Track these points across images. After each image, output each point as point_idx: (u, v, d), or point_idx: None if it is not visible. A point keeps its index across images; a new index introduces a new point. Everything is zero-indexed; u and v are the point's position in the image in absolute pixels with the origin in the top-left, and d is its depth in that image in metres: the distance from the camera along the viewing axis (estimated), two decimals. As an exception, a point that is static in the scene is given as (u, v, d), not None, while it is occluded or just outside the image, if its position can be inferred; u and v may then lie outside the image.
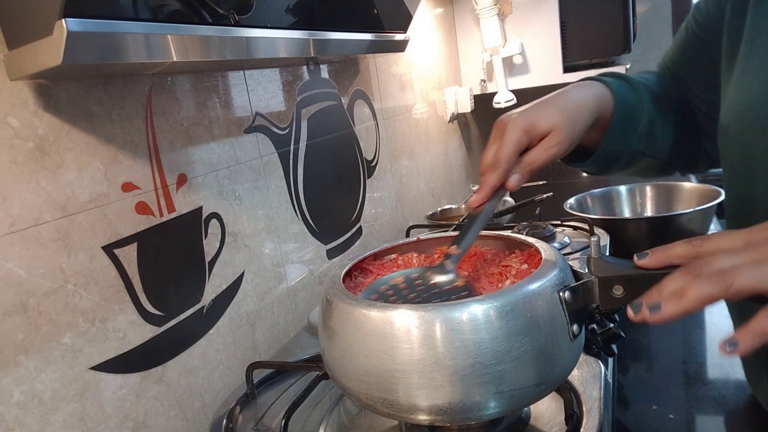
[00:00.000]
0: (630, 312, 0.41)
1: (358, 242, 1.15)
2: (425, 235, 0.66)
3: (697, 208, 1.06)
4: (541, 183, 1.74)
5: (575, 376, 0.61)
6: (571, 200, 1.27)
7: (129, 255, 0.64)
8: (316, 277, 1.01)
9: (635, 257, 0.44)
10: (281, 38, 0.74)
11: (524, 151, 0.56)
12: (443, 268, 0.52)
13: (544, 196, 1.18)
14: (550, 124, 0.55)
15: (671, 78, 0.71)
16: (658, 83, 0.70)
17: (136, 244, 0.65)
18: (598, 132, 0.63)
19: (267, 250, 0.88)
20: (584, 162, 0.67)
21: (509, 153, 0.54)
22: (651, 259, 0.43)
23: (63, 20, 0.44)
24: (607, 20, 1.61)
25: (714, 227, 1.16)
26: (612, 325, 0.71)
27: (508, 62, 1.72)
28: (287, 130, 0.94)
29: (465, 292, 0.48)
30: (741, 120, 0.54)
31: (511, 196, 1.46)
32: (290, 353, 0.83)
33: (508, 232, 0.62)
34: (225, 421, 0.66)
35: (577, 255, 0.98)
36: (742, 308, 0.60)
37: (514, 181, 0.54)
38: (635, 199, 1.28)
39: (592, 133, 0.62)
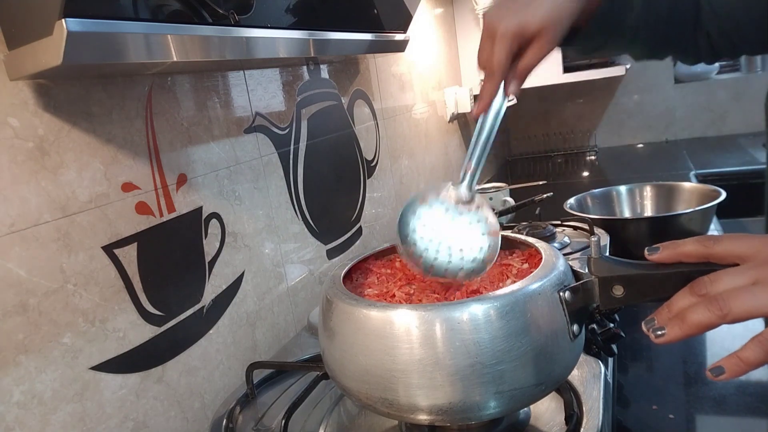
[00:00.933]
0: (644, 326, 0.43)
1: (358, 242, 1.15)
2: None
3: (697, 208, 1.06)
4: (541, 183, 1.74)
5: (575, 376, 0.61)
6: (571, 200, 1.27)
7: (129, 255, 0.64)
8: (316, 277, 1.01)
9: (646, 251, 0.44)
10: (281, 38, 0.74)
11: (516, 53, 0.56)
12: (462, 187, 0.54)
13: (544, 196, 1.18)
14: (538, 26, 0.54)
15: None
16: None
17: (136, 244, 0.65)
18: (586, 18, 0.61)
19: (267, 250, 0.88)
20: (570, 42, 0.64)
21: (502, 61, 0.54)
22: (662, 254, 0.43)
23: (63, 20, 0.44)
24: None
25: (714, 227, 1.17)
26: (612, 325, 0.71)
27: (508, 62, 1.71)
28: (287, 130, 0.94)
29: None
30: None
31: (511, 196, 1.46)
32: (290, 353, 0.83)
33: (508, 232, 0.62)
34: (225, 421, 0.66)
35: (577, 255, 0.98)
36: None
37: (513, 87, 0.56)
38: (635, 199, 1.28)
39: (579, 20, 0.60)
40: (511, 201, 1.41)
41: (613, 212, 1.29)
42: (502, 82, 0.56)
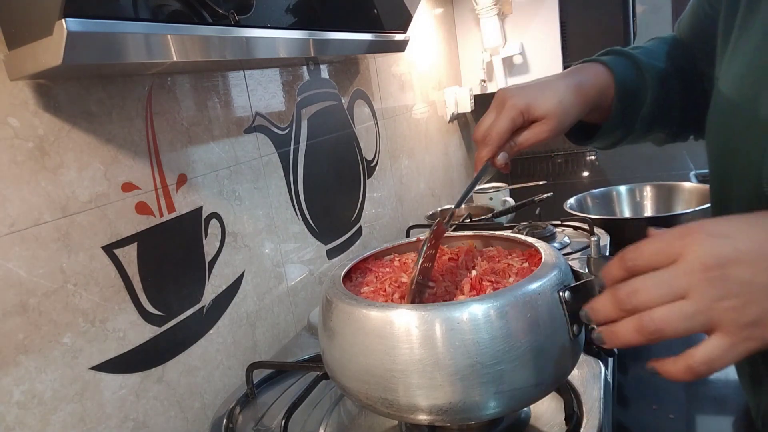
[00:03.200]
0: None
1: (358, 242, 1.15)
2: (425, 235, 0.66)
3: (696, 208, 1.06)
4: (541, 183, 1.74)
5: (575, 376, 0.61)
6: (571, 200, 1.27)
7: (129, 255, 0.64)
8: (316, 277, 1.01)
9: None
10: (281, 38, 0.74)
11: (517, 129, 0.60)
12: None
13: (545, 196, 1.18)
14: (544, 112, 0.58)
15: (683, 45, 0.70)
16: (668, 55, 0.69)
17: (136, 244, 0.65)
18: (601, 113, 0.65)
19: (267, 250, 0.88)
20: (590, 140, 0.68)
21: (502, 131, 0.58)
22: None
23: (63, 20, 0.44)
24: (607, 20, 1.61)
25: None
26: (612, 325, 0.70)
27: (508, 62, 1.72)
28: (287, 130, 0.94)
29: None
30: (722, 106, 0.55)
31: (511, 196, 1.46)
32: (290, 353, 0.83)
33: (508, 232, 0.62)
34: (225, 421, 0.66)
35: (577, 255, 0.98)
36: None
37: (501, 159, 0.59)
38: (635, 199, 1.28)
39: (594, 115, 0.64)
40: (511, 201, 1.41)
41: (613, 212, 1.29)
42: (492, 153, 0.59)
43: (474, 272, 0.55)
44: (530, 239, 0.58)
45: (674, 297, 0.36)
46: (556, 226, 1.12)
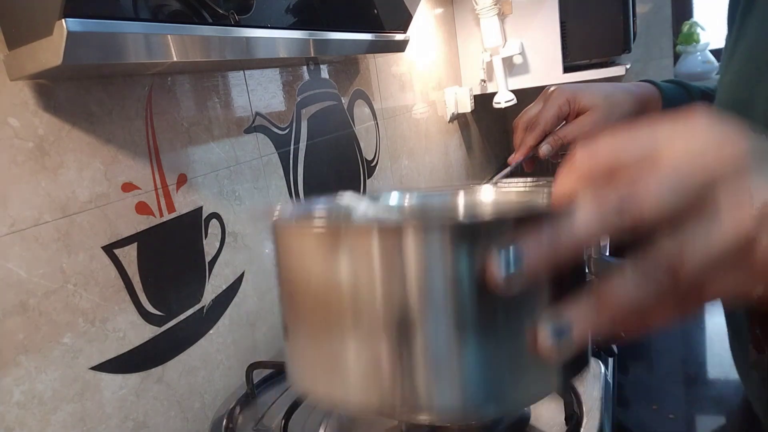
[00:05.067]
0: None
1: (358, 242, 1.15)
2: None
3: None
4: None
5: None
6: (571, 200, 1.26)
7: (129, 255, 0.64)
8: (316, 277, 1.01)
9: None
10: (281, 38, 0.74)
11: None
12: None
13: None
14: (590, 102, 0.59)
15: None
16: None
17: (136, 244, 0.65)
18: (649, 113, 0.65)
19: (267, 250, 0.88)
20: None
21: (549, 116, 0.58)
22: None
23: (63, 20, 0.44)
24: (607, 20, 1.61)
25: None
26: (612, 325, 0.71)
27: (508, 62, 1.72)
28: (287, 130, 0.94)
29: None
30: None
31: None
32: (290, 353, 0.83)
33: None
34: (225, 421, 0.66)
35: (577, 255, 0.97)
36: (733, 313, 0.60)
37: (544, 150, 0.59)
38: (635, 199, 1.28)
39: None
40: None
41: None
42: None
43: None
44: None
45: None
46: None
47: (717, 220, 0.23)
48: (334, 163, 1.07)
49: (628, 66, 1.93)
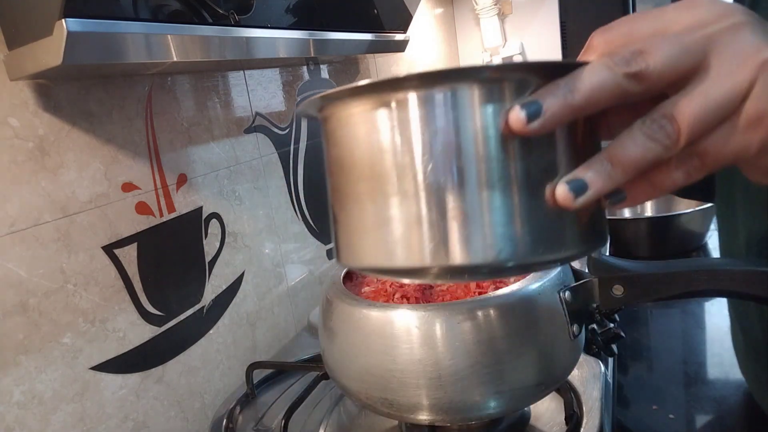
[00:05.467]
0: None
1: (358, 242, 1.15)
2: None
3: (696, 209, 1.06)
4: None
5: (575, 376, 0.61)
6: (571, 200, 1.27)
7: (129, 255, 0.64)
8: (316, 277, 1.01)
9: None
10: (281, 38, 0.74)
11: None
12: None
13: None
14: None
15: None
16: None
17: (136, 244, 0.65)
18: None
19: (267, 250, 0.88)
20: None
21: None
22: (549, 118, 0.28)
23: (63, 20, 0.44)
24: (607, 20, 1.61)
25: (714, 227, 1.16)
26: (612, 325, 0.70)
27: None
28: (287, 130, 0.94)
29: None
30: None
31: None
32: (290, 353, 0.83)
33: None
34: (225, 421, 0.66)
35: (577, 255, 0.98)
36: (737, 307, 0.60)
37: None
38: (635, 199, 1.28)
39: None
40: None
41: (613, 212, 1.29)
42: None
43: None
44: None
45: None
46: (556, 226, 1.12)
47: (714, 76, 0.25)
48: (334, 163, 1.07)
49: (628, 66, 1.92)
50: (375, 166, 0.28)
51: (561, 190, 0.26)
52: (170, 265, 0.70)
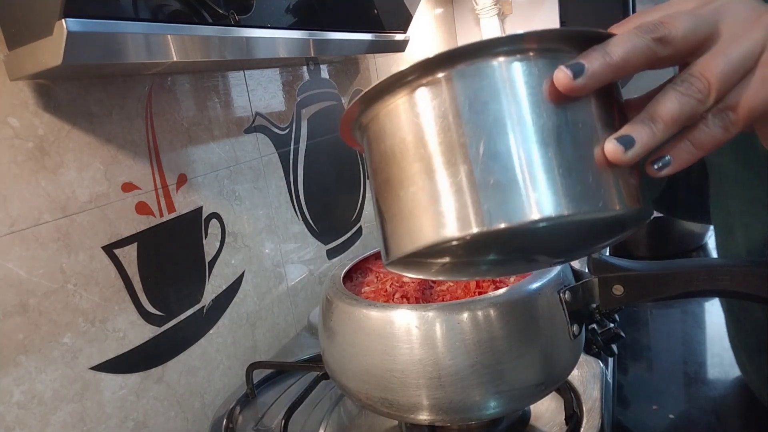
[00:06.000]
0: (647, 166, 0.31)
1: (358, 242, 1.15)
2: None
3: (697, 208, 1.05)
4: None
5: (575, 376, 0.61)
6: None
7: (129, 255, 0.64)
8: (316, 277, 1.01)
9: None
10: (281, 38, 0.74)
11: None
12: None
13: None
14: None
15: None
16: None
17: (136, 244, 0.65)
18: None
19: (267, 250, 0.88)
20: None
21: None
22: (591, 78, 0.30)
23: (63, 20, 0.44)
24: (607, 20, 1.61)
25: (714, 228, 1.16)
26: (612, 325, 0.70)
27: (508, 62, 1.71)
28: (287, 130, 0.94)
29: None
30: None
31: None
32: (290, 353, 0.83)
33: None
34: (225, 421, 0.66)
35: (577, 255, 0.98)
36: (732, 307, 0.61)
37: None
38: (635, 199, 1.28)
39: None
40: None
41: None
42: None
43: None
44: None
45: None
46: (556, 226, 1.12)
47: (728, 38, 0.29)
48: (334, 163, 1.07)
49: (628, 66, 1.92)
50: (431, 142, 0.29)
51: (610, 145, 0.28)
52: (170, 265, 0.70)
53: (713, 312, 0.87)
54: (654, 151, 0.29)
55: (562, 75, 0.27)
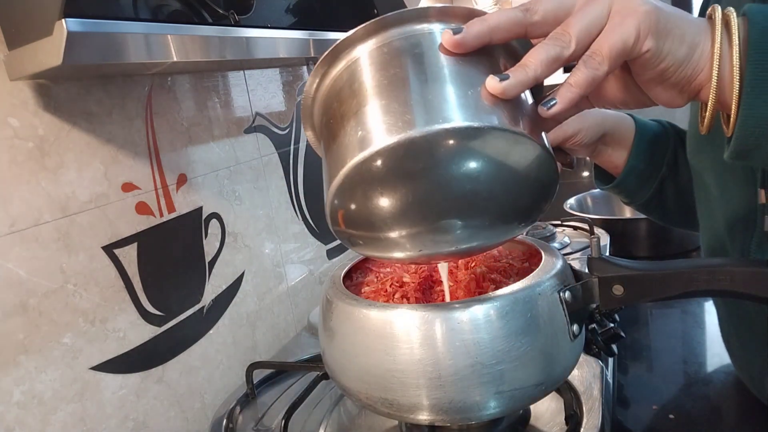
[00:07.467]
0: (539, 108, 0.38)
1: (358, 242, 1.15)
2: None
3: (697, 208, 1.05)
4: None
5: (575, 376, 0.61)
6: (571, 200, 1.27)
7: (129, 255, 0.64)
8: (316, 277, 1.01)
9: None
10: (281, 38, 0.74)
11: None
12: None
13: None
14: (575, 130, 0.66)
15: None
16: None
17: (136, 244, 0.65)
18: (624, 151, 0.70)
19: (267, 250, 0.88)
20: (615, 182, 0.71)
21: None
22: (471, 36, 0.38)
23: (63, 20, 0.44)
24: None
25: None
26: (612, 325, 0.71)
27: (508, 62, 1.71)
28: (287, 130, 0.94)
29: None
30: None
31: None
32: (290, 353, 0.83)
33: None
34: (225, 421, 0.66)
35: (577, 255, 0.98)
36: (728, 305, 0.61)
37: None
38: (635, 199, 1.28)
39: (618, 154, 0.69)
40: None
41: (613, 212, 1.29)
42: None
43: (479, 270, 0.55)
44: (530, 239, 0.58)
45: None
46: (556, 226, 1.12)
47: (585, 3, 0.36)
48: (334, 163, 1.07)
49: (628, 66, 1.92)
50: (360, 90, 0.38)
51: (489, 80, 0.35)
52: (170, 265, 0.70)
53: (713, 312, 0.87)
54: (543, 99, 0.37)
55: (446, 35, 0.36)
